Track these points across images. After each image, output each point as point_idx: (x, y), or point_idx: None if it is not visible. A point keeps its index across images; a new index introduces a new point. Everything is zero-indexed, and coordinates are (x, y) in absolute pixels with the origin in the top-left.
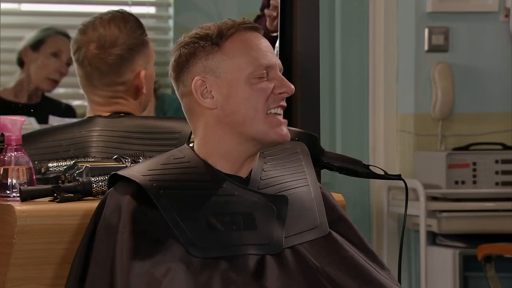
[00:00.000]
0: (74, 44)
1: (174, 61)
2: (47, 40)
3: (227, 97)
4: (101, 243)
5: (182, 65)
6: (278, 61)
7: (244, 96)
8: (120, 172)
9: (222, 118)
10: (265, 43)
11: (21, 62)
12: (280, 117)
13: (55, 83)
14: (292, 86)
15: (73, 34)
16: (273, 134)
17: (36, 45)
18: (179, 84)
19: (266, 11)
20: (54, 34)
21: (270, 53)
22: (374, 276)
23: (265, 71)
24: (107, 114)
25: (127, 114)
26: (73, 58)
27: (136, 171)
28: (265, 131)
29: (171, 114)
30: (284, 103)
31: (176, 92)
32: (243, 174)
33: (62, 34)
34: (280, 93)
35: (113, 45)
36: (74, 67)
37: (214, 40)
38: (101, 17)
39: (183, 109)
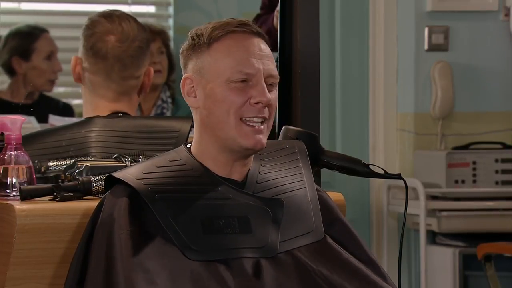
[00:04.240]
0: (91, 38)
1: (180, 55)
2: (36, 46)
3: (207, 97)
4: (99, 245)
5: (183, 60)
6: (266, 67)
7: (220, 98)
8: (116, 175)
9: (204, 118)
10: (254, 47)
11: (11, 71)
12: (257, 126)
13: (54, 80)
14: (269, 97)
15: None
16: (243, 141)
17: (25, 54)
18: None
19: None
20: (39, 35)
21: (257, 59)
22: (372, 279)
23: (244, 78)
24: (107, 112)
25: (125, 114)
26: (89, 53)
27: (132, 173)
28: (234, 138)
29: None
30: (263, 114)
31: None
32: (238, 177)
33: (45, 31)
34: (255, 103)
35: (135, 39)
36: (85, 60)
37: (205, 40)
38: (114, 13)
39: None
